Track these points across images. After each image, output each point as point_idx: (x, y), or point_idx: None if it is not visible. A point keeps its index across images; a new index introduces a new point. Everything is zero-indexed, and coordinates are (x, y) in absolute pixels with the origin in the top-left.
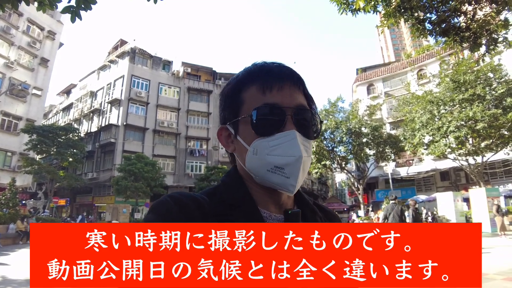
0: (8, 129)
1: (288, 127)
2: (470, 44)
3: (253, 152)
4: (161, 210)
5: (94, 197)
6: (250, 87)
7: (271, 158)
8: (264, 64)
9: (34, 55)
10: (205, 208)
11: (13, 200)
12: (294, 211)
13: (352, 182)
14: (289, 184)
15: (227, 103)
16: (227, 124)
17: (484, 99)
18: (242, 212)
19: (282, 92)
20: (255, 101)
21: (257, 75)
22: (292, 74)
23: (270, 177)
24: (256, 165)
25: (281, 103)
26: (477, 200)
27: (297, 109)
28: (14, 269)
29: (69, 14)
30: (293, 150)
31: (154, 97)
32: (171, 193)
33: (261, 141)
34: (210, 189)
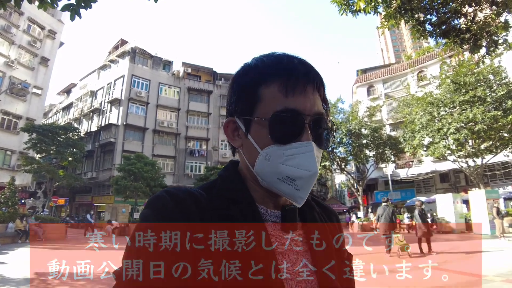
0: (8, 128)
1: (305, 137)
2: (470, 46)
3: (265, 158)
4: (157, 205)
5: (93, 196)
6: (271, 84)
7: (284, 168)
8: (286, 58)
9: (34, 54)
10: (202, 203)
11: (12, 199)
12: (291, 207)
13: (351, 183)
14: (298, 197)
15: (241, 95)
16: (238, 118)
17: (485, 101)
18: (239, 207)
19: (304, 96)
20: (275, 102)
21: (281, 72)
22: (316, 75)
23: (279, 186)
24: (267, 171)
25: (303, 110)
26: (476, 202)
27: (315, 118)
28: (13, 268)
29: (68, 12)
30: (308, 164)
31: (154, 97)
32: (167, 188)
33: (276, 148)
34: (207, 183)
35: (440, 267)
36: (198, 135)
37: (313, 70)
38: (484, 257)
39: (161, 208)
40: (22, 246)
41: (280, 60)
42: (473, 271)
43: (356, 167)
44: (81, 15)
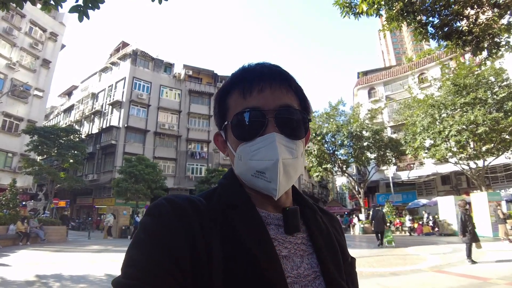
0: (9, 130)
1: (269, 130)
2: (472, 48)
3: (238, 158)
4: (157, 213)
5: (94, 198)
6: (233, 92)
7: (253, 163)
8: (246, 67)
9: (36, 56)
10: (202, 210)
11: (14, 201)
12: (292, 208)
13: (353, 185)
14: (271, 188)
15: (216, 109)
16: (220, 130)
17: (486, 103)
18: (240, 212)
19: (262, 93)
20: (237, 106)
21: (239, 79)
22: (274, 73)
23: (254, 181)
24: (242, 171)
25: (262, 106)
26: (478, 205)
27: (279, 110)
28: (14, 270)
29: (77, 13)
30: (270, 153)
31: (155, 99)
32: (167, 195)
33: (244, 146)
34: (207, 191)
35: (443, 270)
36: (199, 137)
37: (271, 69)
38: (487, 260)
39: (160, 216)
40: (23, 248)
41: (241, 70)
42: (476, 274)
43: (357, 169)
44: (89, 16)
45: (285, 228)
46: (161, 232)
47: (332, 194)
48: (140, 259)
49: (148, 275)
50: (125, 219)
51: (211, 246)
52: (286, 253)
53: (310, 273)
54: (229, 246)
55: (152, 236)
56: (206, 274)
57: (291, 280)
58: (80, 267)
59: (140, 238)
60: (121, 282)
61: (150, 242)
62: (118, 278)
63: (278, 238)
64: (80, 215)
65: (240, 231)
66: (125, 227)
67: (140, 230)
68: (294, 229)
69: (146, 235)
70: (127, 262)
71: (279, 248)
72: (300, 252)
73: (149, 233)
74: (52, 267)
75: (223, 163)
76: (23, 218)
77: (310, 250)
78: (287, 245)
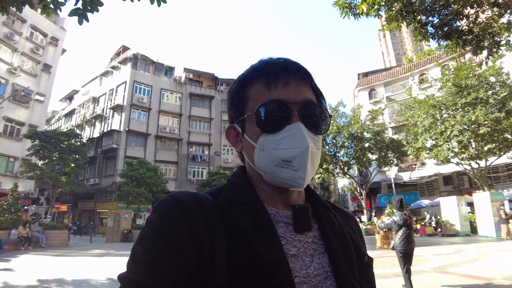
0: (10, 135)
1: (294, 122)
2: (472, 48)
3: (260, 149)
4: (162, 210)
5: (96, 203)
6: (255, 84)
7: (278, 153)
8: (269, 60)
9: (37, 61)
10: (208, 207)
11: (15, 205)
12: (302, 206)
13: (354, 187)
14: (298, 177)
15: (233, 101)
16: (235, 123)
17: (487, 103)
18: (247, 209)
19: (287, 87)
20: (260, 97)
21: (262, 71)
22: (298, 68)
23: (279, 172)
24: (264, 162)
25: (287, 99)
26: (481, 205)
27: (303, 104)
28: (16, 274)
29: (76, 16)
30: (299, 141)
31: (156, 103)
32: (174, 192)
33: (268, 137)
34: (215, 189)
35: (446, 271)
36: (200, 140)
37: (294, 65)
38: (490, 260)
39: (166, 212)
40: (25, 253)
41: (264, 63)
42: (479, 274)
43: (359, 170)
44: (88, 19)
45: (295, 226)
46: (166, 229)
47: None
48: (145, 255)
49: (152, 271)
50: (127, 223)
51: (216, 243)
52: (295, 252)
53: (320, 273)
54: (235, 244)
55: (157, 232)
56: (211, 271)
57: (300, 280)
58: (82, 271)
59: (146, 234)
60: (126, 277)
61: (155, 239)
62: (124, 273)
63: (287, 237)
64: (81, 220)
65: (246, 228)
66: (127, 231)
67: (146, 227)
68: (304, 228)
69: (151, 232)
70: (132, 258)
71: (288, 247)
72: (311, 251)
73: (154, 230)
74: (54, 271)
75: (224, 166)
76: (25, 223)
77: (321, 249)
78: (297, 243)
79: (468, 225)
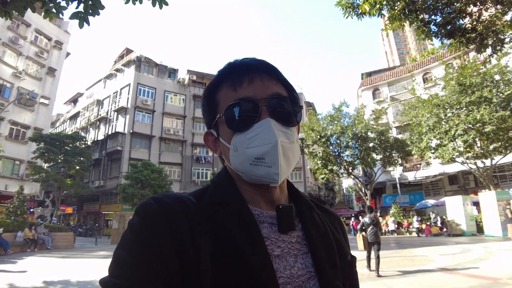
0: (16, 138)
1: (263, 118)
2: (476, 46)
3: (234, 149)
4: (144, 213)
5: (101, 205)
6: (222, 87)
7: (250, 151)
8: (234, 62)
9: (41, 64)
10: (191, 209)
11: (21, 208)
12: (286, 206)
13: (359, 187)
14: (272, 173)
15: (205, 107)
16: (211, 128)
17: (492, 101)
18: (231, 210)
19: (253, 84)
20: (227, 99)
21: (227, 74)
22: (262, 64)
23: (254, 170)
24: (239, 161)
25: (253, 96)
26: (487, 204)
27: (271, 98)
28: (22, 276)
29: (77, 20)
30: (268, 137)
31: (160, 105)
32: (157, 194)
33: (239, 136)
34: (199, 190)
35: (452, 271)
36: None
37: (258, 62)
38: (496, 260)
39: (148, 215)
40: (31, 255)
41: (228, 65)
42: (486, 274)
43: (363, 171)
44: (89, 22)
45: (279, 226)
46: (148, 232)
47: (338, 197)
48: (127, 259)
49: (134, 275)
50: None
51: (200, 245)
52: (279, 252)
53: (304, 273)
54: (219, 245)
55: (138, 236)
56: (195, 274)
57: (284, 280)
58: (87, 273)
59: (127, 238)
60: (108, 281)
61: (136, 242)
62: (106, 277)
63: (271, 237)
64: (87, 221)
65: (231, 229)
66: None
67: (128, 230)
68: (288, 228)
69: (133, 235)
70: (114, 262)
71: (272, 247)
72: (294, 251)
73: (136, 233)
74: (60, 273)
75: None
76: (31, 225)
77: (305, 249)
78: (281, 244)
79: (474, 225)
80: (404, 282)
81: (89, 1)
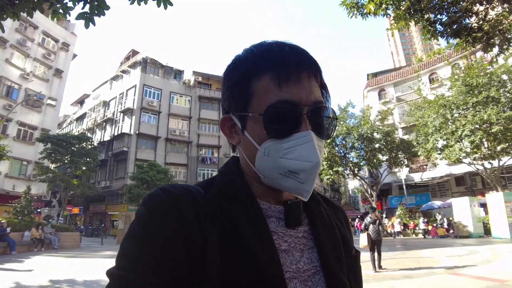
0: (24, 139)
1: (304, 128)
2: (483, 45)
3: (264, 153)
4: (151, 203)
5: (107, 205)
6: (263, 76)
7: (285, 162)
8: (279, 48)
9: (49, 66)
10: (199, 200)
11: (28, 208)
12: (294, 201)
13: (365, 188)
14: (303, 190)
15: (234, 91)
16: (233, 115)
17: (499, 101)
18: (239, 203)
19: (299, 85)
20: (269, 95)
21: (272, 62)
22: (310, 61)
23: (282, 181)
24: (268, 168)
25: (299, 100)
26: (494, 205)
27: (314, 107)
28: (29, 275)
29: (83, 20)
30: (309, 155)
31: (166, 106)
32: (163, 185)
33: (274, 142)
34: (207, 180)
35: (459, 273)
36: (210, 143)
37: (306, 57)
38: (504, 262)
39: (155, 206)
40: (38, 254)
41: (270, 49)
42: (493, 276)
43: (369, 172)
44: (95, 22)
45: (286, 221)
46: (155, 223)
47: (344, 198)
48: (133, 250)
49: (140, 266)
50: None
51: (207, 238)
52: (285, 247)
53: (309, 268)
54: (226, 238)
55: (145, 227)
56: (201, 265)
57: (290, 275)
58: (93, 273)
59: (134, 229)
60: (114, 273)
61: (143, 234)
62: (112, 269)
63: (278, 232)
64: (93, 222)
65: (239, 223)
66: None
67: (135, 221)
68: (295, 223)
69: (140, 226)
70: (121, 254)
71: (279, 242)
72: (301, 246)
73: (143, 224)
74: (66, 272)
75: None
76: (38, 225)
77: (311, 244)
78: (287, 238)
79: (481, 227)
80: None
81: (95, 1)
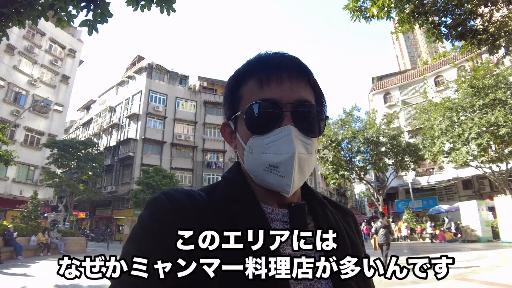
0: (31, 144)
1: (285, 124)
2: (488, 47)
3: (249, 151)
4: (154, 207)
5: (113, 210)
6: (248, 81)
7: (266, 157)
8: (264, 55)
9: (55, 72)
10: (201, 205)
11: (35, 213)
12: (299, 204)
13: (371, 192)
14: (284, 184)
15: (228, 98)
16: (229, 120)
17: (506, 103)
18: (242, 207)
19: (281, 85)
20: (252, 96)
21: (255, 67)
22: (294, 64)
23: (266, 176)
24: (253, 165)
25: (279, 98)
26: (503, 209)
27: (296, 104)
28: (35, 280)
29: (86, 27)
30: (287, 146)
31: (172, 111)
32: (167, 189)
33: (256, 139)
34: (210, 185)
35: (468, 278)
36: (215, 148)
37: (291, 60)
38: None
39: (156, 209)
40: (44, 259)
41: (258, 58)
42: (502, 282)
43: (375, 176)
44: (98, 29)
45: (291, 225)
46: (157, 226)
47: (350, 202)
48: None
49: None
50: None
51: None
52: (290, 251)
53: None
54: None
55: (147, 231)
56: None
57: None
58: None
59: (136, 232)
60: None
61: (145, 237)
62: None
63: None
64: (99, 227)
65: (241, 227)
66: None
67: (137, 225)
68: (300, 226)
69: (142, 230)
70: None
71: (283, 246)
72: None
73: (145, 228)
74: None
75: None
76: (44, 230)
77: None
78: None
79: (490, 231)
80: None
81: (98, 9)
